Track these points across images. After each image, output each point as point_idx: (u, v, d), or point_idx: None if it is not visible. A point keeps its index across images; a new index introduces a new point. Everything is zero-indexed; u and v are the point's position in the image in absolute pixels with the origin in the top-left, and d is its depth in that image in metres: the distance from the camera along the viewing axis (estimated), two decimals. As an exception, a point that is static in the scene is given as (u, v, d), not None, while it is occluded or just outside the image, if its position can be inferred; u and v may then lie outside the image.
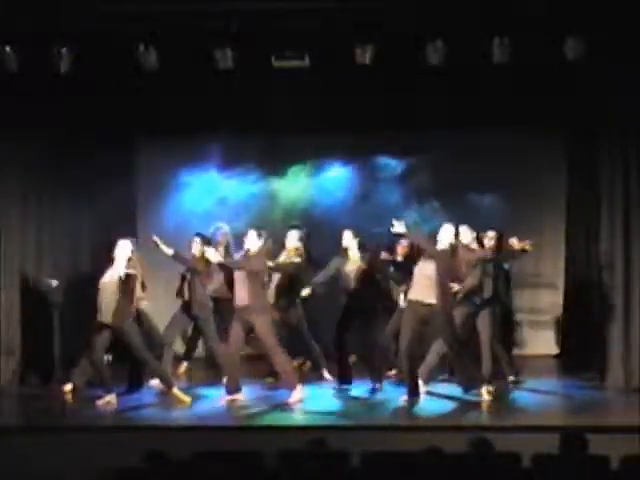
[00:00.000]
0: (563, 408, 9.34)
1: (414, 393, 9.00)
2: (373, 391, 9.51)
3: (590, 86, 9.63)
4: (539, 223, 11.95)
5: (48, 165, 10.36)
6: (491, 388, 9.12)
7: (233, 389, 9.15)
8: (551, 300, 11.93)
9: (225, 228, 10.66)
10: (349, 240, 9.68)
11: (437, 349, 9.27)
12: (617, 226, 9.61)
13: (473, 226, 10.54)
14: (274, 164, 11.95)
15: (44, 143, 10.24)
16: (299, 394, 9.05)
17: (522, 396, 9.38)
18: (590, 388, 9.71)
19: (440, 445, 5.82)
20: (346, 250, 9.68)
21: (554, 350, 11.82)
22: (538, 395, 9.51)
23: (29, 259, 10.14)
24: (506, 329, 10.14)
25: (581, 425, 7.83)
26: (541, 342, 11.91)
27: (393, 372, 10.00)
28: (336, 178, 11.96)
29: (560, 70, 9.34)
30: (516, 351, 11.12)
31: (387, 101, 10.26)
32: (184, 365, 10.69)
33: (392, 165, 11.82)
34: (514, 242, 9.37)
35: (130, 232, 10.64)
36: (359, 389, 9.61)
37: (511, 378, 9.78)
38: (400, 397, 9.07)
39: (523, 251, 9.41)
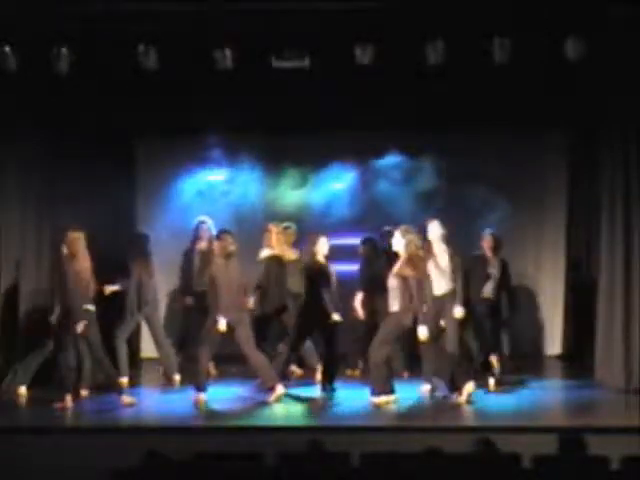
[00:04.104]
0: (563, 408, 9.35)
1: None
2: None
3: (590, 86, 9.63)
4: (540, 223, 11.97)
5: (48, 165, 10.35)
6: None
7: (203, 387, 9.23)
8: (552, 300, 11.94)
9: (208, 222, 10.72)
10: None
11: None
12: (617, 226, 9.60)
13: (473, 226, 10.58)
14: (274, 164, 11.95)
15: (44, 143, 10.24)
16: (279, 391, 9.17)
17: (523, 396, 9.38)
18: (590, 388, 9.70)
19: (440, 445, 5.82)
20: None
21: (555, 351, 11.83)
22: (539, 395, 9.51)
23: (29, 259, 10.12)
24: None
25: (581, 426, 7.83)
26: (542, 343, 11.92)
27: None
28: (336, 178, 11.95)
29: (560, 70, 9.33)
30: (517, 351, 11.16)
31: (387, 101, 10.25)
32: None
33: (391, 165, 11.80)
34: None
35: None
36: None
37: None
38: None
39: None
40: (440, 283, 9.32)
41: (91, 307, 9.15)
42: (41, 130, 10.16)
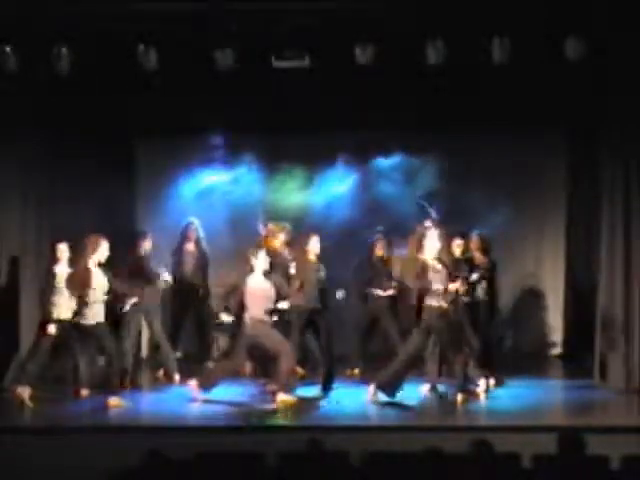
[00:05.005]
0: (563, 408, 9.35)
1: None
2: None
3: (590, 86, 9.63)
4: (540, 223, 11.97)
5: (48, 165, 10.35)
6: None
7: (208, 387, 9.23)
8: (552, 300, 11.93)
9: (196, 223, 10.76)
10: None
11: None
12: (617, 226, 9.60)
13: (473, 227, 10.57)
14: (274, 164, 11.94)
15: (44, 143, 10.24)
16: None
17: (523, 396, 9.38)
18: (590, 388, 9.70)
19: (440, 445, 5.82)
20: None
21: (555, 351, 11.82)
22: (539, 395, 9.50)
23: (29, 259, 10.12)
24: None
25: (581, 426, 7.83)
26: (542, 343, 11.91)
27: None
28: (336, 178, 11.95)
29: (560, 70, 9.34)
30: (517, 351, 11.18)
31: (387, 101, 10.25)
32: None
33: (391, 165, 11.80)
34: None
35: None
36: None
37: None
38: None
39: None
40: None
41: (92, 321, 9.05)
42: (41, 130, 10.17)
